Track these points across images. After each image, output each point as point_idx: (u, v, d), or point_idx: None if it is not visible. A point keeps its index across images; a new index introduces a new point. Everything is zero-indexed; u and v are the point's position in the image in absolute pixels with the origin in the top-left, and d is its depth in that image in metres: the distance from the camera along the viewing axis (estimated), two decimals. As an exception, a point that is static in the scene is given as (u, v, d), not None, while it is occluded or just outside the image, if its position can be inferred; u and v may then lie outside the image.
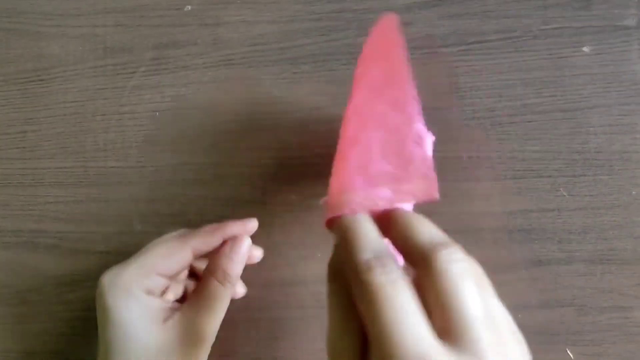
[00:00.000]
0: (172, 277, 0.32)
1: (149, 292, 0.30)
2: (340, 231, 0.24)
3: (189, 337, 0.29)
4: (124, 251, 0.34)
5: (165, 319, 0.30)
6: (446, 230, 0.36)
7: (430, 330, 0.20)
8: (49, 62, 0.41)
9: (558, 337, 0.35)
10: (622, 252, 0.35)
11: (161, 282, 0.31)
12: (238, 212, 0.37)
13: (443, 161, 0.37)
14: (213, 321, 0.31)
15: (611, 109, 0.36)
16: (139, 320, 0.29)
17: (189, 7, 0.40)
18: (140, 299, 0.29)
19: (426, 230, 0.23)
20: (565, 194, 0.36)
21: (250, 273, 0.37)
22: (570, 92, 0.37)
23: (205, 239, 0.32)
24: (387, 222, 0.24)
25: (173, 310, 0.31)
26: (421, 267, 0.21)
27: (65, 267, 0.39)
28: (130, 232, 0.39)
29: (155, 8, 0.41)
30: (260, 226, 0.35)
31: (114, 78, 0.40)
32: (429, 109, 0.38)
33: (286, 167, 0.32)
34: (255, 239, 0.36)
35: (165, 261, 0.31)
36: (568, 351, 0.35)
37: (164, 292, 0.33)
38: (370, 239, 0.22)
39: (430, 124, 0.37)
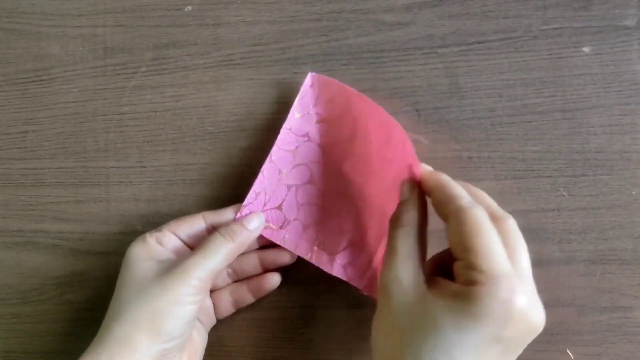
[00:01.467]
0: (187, 243, 0.35)
1: (159, 242, 0.34)
2: (434, 186, 0.31)
3: (174, 271, 0.31)
4: (124, 251, 0.33)
5: (161, 260, 0.33)
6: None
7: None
8: (49, 62, 0.41)
9: (558, 337, 0.35)
10: (623, 252, 0.35)
11: (173, 238, 0.34)
12: (238, 212, 0.37)
13: (443, 161, 0.37)
14: (200, 261, 0.32)
15: (611, 109, 0.36)
16: (138, 255, 0.33)
17: (189, 8, 0.40)
18: (146, 243, 0.33)
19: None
20: (565, 194, 0.36)
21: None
22: (570, 92, 0.37)
23: (219, 212, 0.36)
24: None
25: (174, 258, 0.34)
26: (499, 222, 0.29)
27: (65, 267, 0.39)
28: (130, 232, 0.39)
29: (155, 8, 0.41)
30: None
31: (115, 78, 0.40)
32: (429, 108, 0.38)
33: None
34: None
35: (179, 222, 0.35)
36: (568, 351, 0.35)
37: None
38: (462, 191, 0.30)
39: (431, 124, 0.37)
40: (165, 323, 0.30)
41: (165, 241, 0.34)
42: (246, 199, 0.36)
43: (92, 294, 0.39)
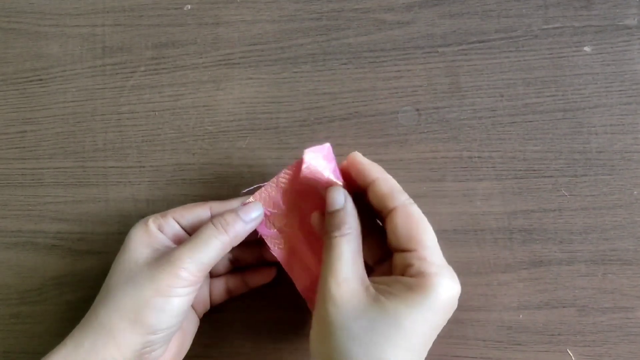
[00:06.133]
0: (190, 232, 0.34)
1: (160, 229, 0.33)
2: (374, 179, 0.31)
3: (162, 261, 0.30)
4: (123, 251, 0.33)
5: (157, 248, 0.32)
6: (447, 229, 0.36)
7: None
8: (48, 62, 0.41)
9: (559, 338, 0.35)
10: (624, 253, 0.35)
11: (175, 226, 0.33)
12: (238, 212, 0.37)
13: (444, 161, 0.37)
14: (188, 253, 0.30)
15: (612, 109, 0.36)
16: (136, 241, 0.32)
17: (189, 7, 0.40)
18: (147, 229, 0.32)
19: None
20: (566, 194, 0.36)
21: (250, 273, 0.37)
22: (572, 92, 0.37)
23: (225, 202, 0.34)
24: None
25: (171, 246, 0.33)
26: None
27: (64, 268, 0.39)
28: (129, 233, 0.39)
29: (154, 7, 0.40)
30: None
31: (113, 78, 0.40)
32: (429, 108, 0.38)
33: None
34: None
35: (184, 211, 0.34)
36: (569, 352, 0.35)
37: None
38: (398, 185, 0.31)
39: (431, 124, 0.37)
40: (148, 315, 0.29)
41: (167, 228, 0.33)
42: (255, 195, 0.33)
43: (91, 294, 0.39)
